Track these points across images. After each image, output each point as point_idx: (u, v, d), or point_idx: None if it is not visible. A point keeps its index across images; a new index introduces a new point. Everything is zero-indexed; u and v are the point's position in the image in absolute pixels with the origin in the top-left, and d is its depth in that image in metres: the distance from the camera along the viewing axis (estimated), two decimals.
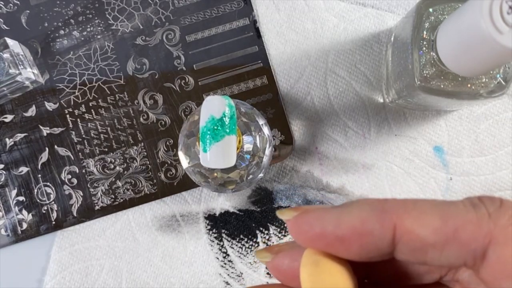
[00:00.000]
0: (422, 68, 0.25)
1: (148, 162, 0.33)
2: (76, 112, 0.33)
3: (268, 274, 0.33)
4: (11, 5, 0.33)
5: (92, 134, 0.33)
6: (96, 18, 0.33)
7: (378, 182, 0.33)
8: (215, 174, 0.27)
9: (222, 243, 0.33)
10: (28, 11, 0.33)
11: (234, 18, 0.33)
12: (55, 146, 0.33)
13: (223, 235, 0.33)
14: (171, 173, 0.33)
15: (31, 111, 0.33)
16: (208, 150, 0.22)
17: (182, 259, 0.33)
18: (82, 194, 0.33)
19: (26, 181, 0.33)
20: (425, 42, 0.25)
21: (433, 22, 0.25)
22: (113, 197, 0.33)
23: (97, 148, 0.33)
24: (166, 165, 0.33)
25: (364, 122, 0.33)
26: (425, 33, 0.25)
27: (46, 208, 0.33)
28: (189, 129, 0.27)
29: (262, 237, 0.33)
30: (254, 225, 0.33)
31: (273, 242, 0.33)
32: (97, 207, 0.33)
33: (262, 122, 0.27)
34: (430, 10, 0.25)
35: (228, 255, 0.33)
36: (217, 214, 0.33)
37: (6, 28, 0.33)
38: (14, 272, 0.33)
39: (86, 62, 0.33)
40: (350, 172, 0.33)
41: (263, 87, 0.33)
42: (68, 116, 0.33)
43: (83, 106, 0.33)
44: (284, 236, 0.33)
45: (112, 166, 0.33)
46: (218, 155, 0.22)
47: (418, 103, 0.29)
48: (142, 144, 0.33)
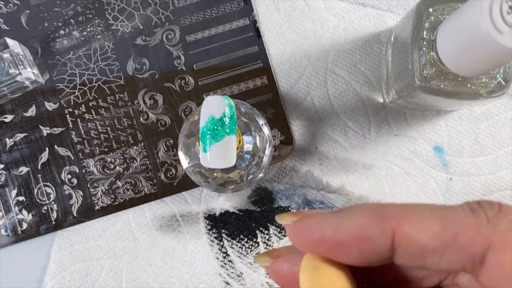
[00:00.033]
0: (422, 68, 0.25)
1: (148, 162, 0.33)
2: (76, 112, 0.33)
3: (267, 274, 0.33)
4: (11, 5, 0.33)
5: (92, 134, 0.33)
6: (96, 18, 0.33)
7: (378, 182, 0.33)
8: (215, 174, 0.27)
9: (222, 243, 0.33)
10: (28, 11, 0.33)
11: (234, 18, 0.33)
12: (55, 146, 0.33)
13: (223, 235, 0.33)
14: (171, 173, 0.33)
15: (31, 111, 0.33)
16: (208, 150, 0.22)
17: (182, 259, 0.33)
18: (82, 194, 0.33)
19: (26, 181, 0.33)
20: (425, 42, 0.25)
21: (433, 22, 0.25)
22: (113, 197, 0.33)
23: (97, 148, 0.33)
24: (166, 165, 0.33)
25: (364, 122, 0.33)
26: (425, 33, 0.25)
27: (46, 208, 0.33)
28: (189, 129, 0.27)
29: (262, 237, 0.33)
30: (254, 225, 0.33)
31: (273, 242, 0.33)
32: (97, 207, 0.33)
33: (262, 122, 0.27)
34: (430, 10, 0.25)
35: (228, 255, 0.33)
36: (217, 214, 0.33)
37: (6, 28, 0.33)
38: (14, 272, 0.33)
39: (86, 62, 0.33)
40: (350, 172, 0.33)
41: (263, 87, 0.33)
42: (68, 116, 0.33)
43: (83, 106, 0.33)
44: (284, 236, 0.33)
45: (112, 166, 0.33)
46: (218, 155, 0.22)
47: (418, 103, 0.29)
48: (142, 144, 0.33)
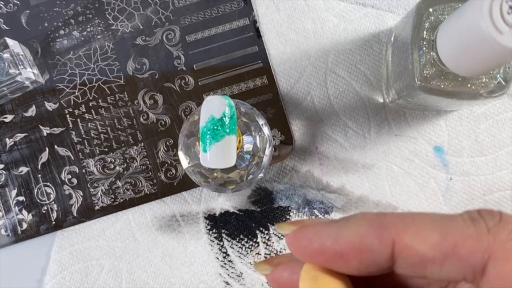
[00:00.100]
0: (422, 68, 0.25)
1: (148, 162, 0.33)
2: (76, 112, 0.33)
3: (267, 282, 0.33)
4: (11, 5, 0.33)
5: (92, 134, 0.33)
6: (96, 18, 0.33)
7: (378, 182, 0.33)
8: (215, 174, 0.27)
9: (222, 243, 0.33)
10: (28, 11, 0.33)
11: (234, 18, 0.33)
12: (55, 146, 0.33)
13: (223, 235, 0.33)
14: (171, 173, 0.33)
15: (31, 111, 0.33)
16: (208, 150, 0.22)
17: (182, 259, 0.33)
18: (82, 194, 0.33)
19: (26, 181, 0.33)
20: (425, 42, 0.25)
21: (433, 22, 0.25)
22: (113, 197, 0.33)
23: (97, 148, 0.33)
24: (166, 165, 0.33)
25: (364, 122, 0.33)
26: (425, 33, 0.25)
27: (46, 208, 0.33)
28: (189, 129, 0.27)
29: (262, 237, 0.33)
30: (254, 225, 0.33)
31: (273, 242, 0.33)
32: (97, 207, 0.33)
33: (262, 122, 0.27)
34: (430, 10, 0.25)
35: (228, 255, 0.33)
36: (217, 214, 0.33)
37: (6, 28, 0.33)
38: (14, 272, 0.33)
39: (86, 62, 0.33)
40: (350, 172, 0.33)
41: (263, 87, 0.33)
42: (68, 116, 0.33)
43: (83, 106, 0.33)
44: (284, 236, 0.33)
45: (112, 166, 0.33)
46: (218, 155, 0.22)
47: (418, 103, 0.29)
48: (142, 144, 0.33)
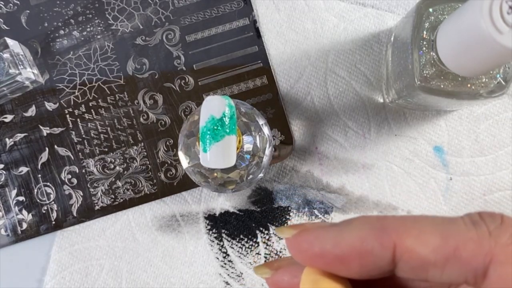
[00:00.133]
0: (422, 68, 0.25)
1: (148, 162, 0.33)
2: (76, 112, 0.33)
3: (268, 286, 0.33)
4: (11, 5, 0.33)
5: (92, 134, 0.33)
6: (96, 18, 0.33)
7: (378, 182, 0.33)
8: (215, 174, 0.27)
9: (222, 243, 0.33)
10: (28, 11, 0.33)
11: (234, 18, 0.33)
12: (55, 146, 0.33)
13: (223, 235, 0.33)
14: (171, 173, 0.33)
15: (31, 111, 0.33)
16: (208, 150, 0.22)
17: (182, 259, 0.33)
18: (82, 194, 0.33)
19: (26, 181, 0.33)
20: (425, 42, 0.25)
21: (433, 22, 0.25)
22: (113, 197, 0.33)
23: (97, 148, 0.33)
24: (166, 165, 0.33)
25: (364, 122, 0.33)
26: (425, 33, 0.25)
27: (46, 208, 0.33)
28: (189, 129, 0.27)
29: (262, 237, 0.33)
30: (254, 225, 0.33)
31: (273, 242, 0.33)
32: (97, 207, 0.33)
33: (262, 122, 0.27)
34: (430, 10, 0.25)
35: (228, 255, 0.33)
36: (217, 214, 0.33)
37: (6, 28, 0.33)
38: (14, 272, 0.33)
39: (86, 62, 0.33)
40: (350, 172, 0.33)
41: (263, 87, 0.33)
42: (68, 116, 0.33)
43: (83, 106, 0.33)
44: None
45: (112, 166, 0.33)
46: (218, 155, 0.22)
47: (418, 103, 0.29)
48: (142, 144, 0.33)
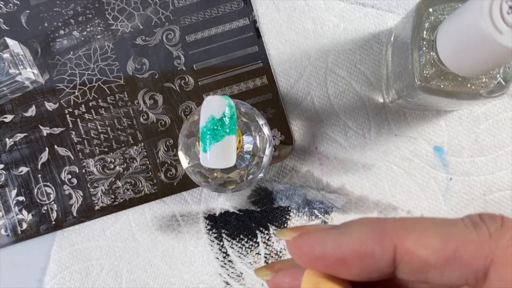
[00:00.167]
0: (422, 68, 0.25)
1: (148, 162, 0.33)
2: (76, 112, 0.33)
3: None
4: (11, 5, 0.33)
5: (92, 134, 0.33)
6: (96, 18, 0.33)
7: (378, 182, 0.33)
8: (215, 174, 0.27)
9: (222, 243, 0.33)
10: (28, 11, 0.33)
11: (234, 18, 0.33)
12: (55, 146, 0.33)
13: (223, 235, 0.33)
14: (171, 173, 0.33)
15: (31, 111, 0.33)
16: (208, 150, 0.22)
17: (182, 259, 0.33)
18: (82, 194, 0.33)
19: (26, 181, 0.33)
20: (425, 42, 0.25)
21: (433, 22, 0.25)
22: (113, 197, 0.33)
23: (97, 148, 0.33)
24: (166, 165, 0.33)
25: (364, 122, 0.33)
26: (425, 33, 0.25)
27: (46, 208, 0.33)
28: (189, 129, 0.27)
29: (262, 237, 0.33)
30: (254, 225, 0.33)
31: (273, 242, 0.33)
32: (97, 207, 0.33)
33: (262, 122, 0.27)
34: (430, 10, 0.25)
35: (228, 255, 0.33)
36: (217, 214, 0.33)
37: (6, 28, 0.33)
38: (14, 272, 0.33)
39: (86, 62, 0.33)
40: (350, 172, 0.33)
41: (263, 87, 0.33)
42: (68, 116, 0.33)
43: (83, 106, 0.33)
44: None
45: (112, 166, 0.33)
46: (218, 155, 0.22)
47: (418, 103, 0.29)
48: (142, 144, 0.33)
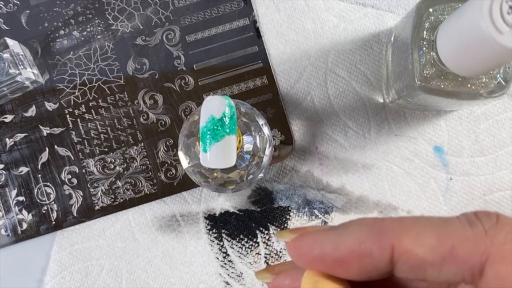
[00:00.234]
0: (422, 68, 0.25)
1: (148, 162, 0.33)
2: (76, 112, 0.33)
3: None
4: (11, 5, 0.33)
5: (92, 134, 0.33)
6: (96, 18, 0.33)
7: (378, 182, 0.33)
8: (215, 174, 0.27)
9: (222, 243, 0.33)
10: (28, 11, 0.33)
11: (234, 18, 0.33)
12: (55, 146, 0.33)
13: (223, 235, 0.33)
14: (171, 173, 0.33)
15: (31, 111, 0.33)
16: (208, 150, 0.22)
17: (182, 259, 0.33)
18: (82, 194, 0.33)
19: (26, 181, 0.33)
20: (425, 42, 0.25)
21: (433, 22, 0.25)
22: (113, 197, 0.33)
23: (97, 148, 0.33)
24: (166, 165, 0.33)
25: (364, 122, 0.33)
26: (425, 33, 0.25)
27: (46, 208, 0.33)
28: (189, 129, 0.27)
29: (262, 237, 0.33)
30: (254, 225, 0.33)
31: (273, 242, 0.33)
32: (97, 207, 0.33)
33: (262, 122, 0.27)
34: (430, 10, 0.25)
35: (228, 255, 0.33)
36: (217, 214, 0.33)
37: (6, 28, 0.33)
38: (14, 272, 0.33)
39: (86, 62, 0.33)
40: (350, 172, 0.33)
41: (263, 87, 0.33)
42: (68, 116, 0.33)
43: (83, 106, 0.33)
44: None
45: (112, 166, 0.33)
46: (218, 155, 0.22)
47: (418, 103, 0.29)
48: (142, 144, 0.33)
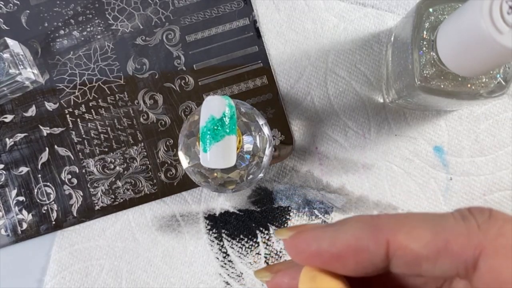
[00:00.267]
0: (422, 68, 0.25)
1: (148, 162, 0.33)
2: (76, 112, 0.33)
3: None
4: (11, 5, 0.33)
5: (92, 134, 0.33)
6: (96, 18, 0.33)
7: (378, 182, 0.33)
8: (215, 174, 0.27)
9: (222, 243, 0.33)
10: (28, 11, 0.33)
11: (234, 18, 0.33)
12: (55, 146, 0.33)
13: (223, 235, 0.33)
14: (171, 173, 0.33)
15: (31, 111, 0.33)
16: (208, 150, 0.22)
17: (182, 259, 0.33)
18: (82, 194, 0.33)
19: (26, 181, 0.33)
20: (425, 42, 0.25)
21: (433, 22, 0.25)
22: (113, 197, 0.33)
23: (97, 148, 0.33)
24: (166, 165, 0.33)
25: (364, 122, 0.33)
26: (425, 33, 0.25)
27: (46, 208, 0.33)
28: (189, 129, 0.27)
29: (262, 237, 0.33)
30: (254, 225, 0.33)
31: (273, 242, 0.33)
32: (97, 207, 0.33)
33: (262, 122, 0.27)
34: (430, 10, 0.25)
35: (228, 255, 0.33)
36: (217, 214, 0.33)
37: (6, 28, 0.33)
38: (14, 272, 0.33)
39: (86, 62, 0.33)
40: (350, 172, 0.33)
41: (263, 87, 0.33)
42: (68, 116, 0.33)
43: (83, 106, 0.33)
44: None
45: (112, 166, 0.33)
46: (218, 155, 0.22)
47: (418, 103, 0.29)
48: (142, 144, 0.33)
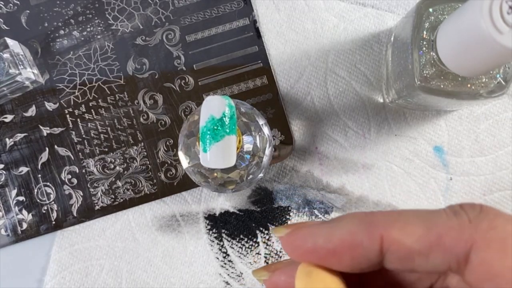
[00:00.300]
0: (422, 68, 0.25)
1: (148, 162, 0.33)
2: (76, 112, 0.33)
3: None
4: (11, 5, 0.33)
5: (92, 134, 0.33)
6: (96, 18, 0.33)
7: (378, 182, 0.33)
8: (215, 174, 0.27)
9: (222, 243, 0.33)
10: (28, 11, 0.33)
11: (234, 18, 0.33)
12: (55, 146, 0.33)
13: (223, 235, 0.33)
14: (171, 173, 0.33)
15: (31, 111, 0.33)
16: (208, 150, 0.22)
17: (182, 259, 0.33)
18: (82, 194, 0.33)
19: (26, 181, 0.33)
20: (425, 42, 0.25)
21: (433, 22, 0.25)
22: (113, 197, 0.33)
23: (97, 148, 0.33)
24: (166, 165, 0.33)
25: (364, 122, 0.33)
26: (425, 33, 0.25)
27: (46, 208, 0.33)
28: (189, 129, 0.27)
29: (262, 237, 0.33)
30: (254, 225, 0.33)
31: (273, 242, 0.33)
32: (97, 207, 0.33)
33: (262, 122, 0.27)
34: (430, 10, 0.25)
35: (228, 255, 0.33)
36: (217, 214, 0.33)
37: (6, 28, 0.33)
38: (14, 272, 0.33)
39: (86, 62, 0.33)
40: (350, 172, 0.33)
41: (263, 87, 0.33)
42: (68, 116, 0.33)
43: (83, 106, 0.33)
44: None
45: (112, 166, 0.33)
46: (218, 155, 0.22)
47: (418, 103, 0.29)
48: (142, 144, 0.33)
